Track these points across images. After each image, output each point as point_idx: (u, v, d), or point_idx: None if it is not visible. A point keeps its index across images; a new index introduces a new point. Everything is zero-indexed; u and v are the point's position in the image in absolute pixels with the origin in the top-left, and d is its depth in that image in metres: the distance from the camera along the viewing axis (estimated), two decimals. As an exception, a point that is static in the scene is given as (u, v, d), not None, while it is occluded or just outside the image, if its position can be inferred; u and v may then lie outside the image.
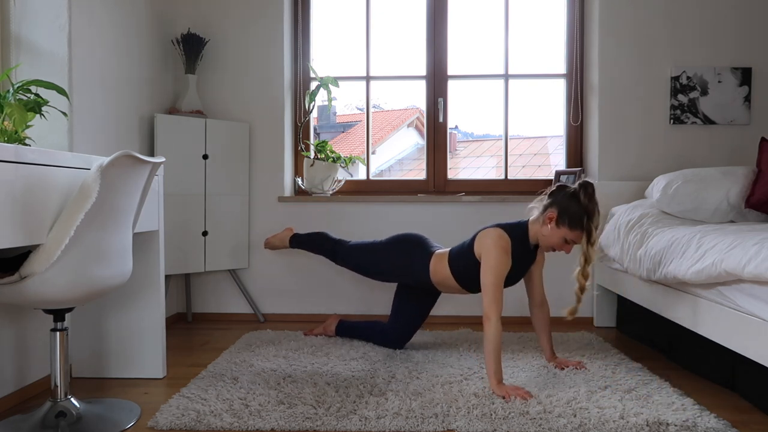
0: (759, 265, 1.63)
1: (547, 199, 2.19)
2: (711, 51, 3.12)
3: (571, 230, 2.11)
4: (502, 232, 2.18)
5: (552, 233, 2.15)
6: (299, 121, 3.45)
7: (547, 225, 2.15)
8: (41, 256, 1.55)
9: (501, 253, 2.13)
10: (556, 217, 2.12)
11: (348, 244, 2.68)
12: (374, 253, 2.57)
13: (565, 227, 2.12)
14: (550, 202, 2.16)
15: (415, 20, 3.44)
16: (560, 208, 2.12)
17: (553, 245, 2.17)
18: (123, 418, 1.80)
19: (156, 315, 2.23)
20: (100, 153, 2.45)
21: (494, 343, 2.00)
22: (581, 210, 2.10)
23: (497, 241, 2.15)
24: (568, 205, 2.11)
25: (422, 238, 2.54)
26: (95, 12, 2.45)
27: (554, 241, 2.16)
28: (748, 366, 1.94)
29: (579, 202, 2.10)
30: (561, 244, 2.16)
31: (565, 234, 2.12)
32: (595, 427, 1.70)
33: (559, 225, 2.12)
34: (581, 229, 2.11)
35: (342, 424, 1.73)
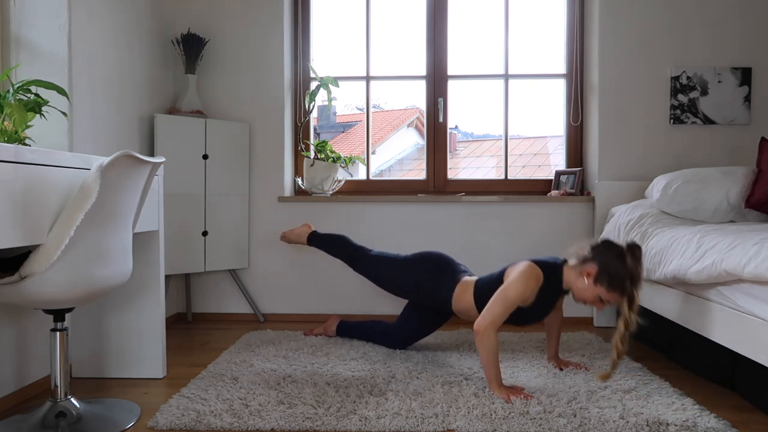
0: (759, 265, 1.63)
1: (589, 252, 2.03)
2: (711, 51, 3.12)
3: (609, 291, 1.97)
4: (536, 268, 2.07)
5: (587, 288, 2.01)
6: (299, 121, 3.45)
7: (584, 279, 2.01)
8: (41, 256, 1.55)
9: (526, 285, 2.03)
10: (596, 274, 1.98)
11: (370, 253, 2.62)
12: (397, 269, 2.49)
13: (603, 287, 1.97)
14: (592, 257, 2.01)
15: (415, 20, 3.44)
16: (602, 266, 1.98)
17: (585, 299, 2.05)
18: (123, 418, 1.80)
19: (156, 315, 2.23)
20: (100, 153, 2.45)
21: (490, 354, 1.97)
22: (625, 273, 1.95)
23: (528, 273, 2.05)
24: (611, 265, 1.96)
25: (448, 259, 2.45)
26: (95, 12, 2.45)
27: (587, 297, 2.03)
28: (748, 366, 1.94)
29: (624, 265, 1.95)
30: (595, 301, 2.02)
31: (601, 293, 1.99)
32: (595, 427, 1.70)
33: (597, 283, 1.98)
34: (620, 292, 1.96)
35: (342, 424, 1.73)
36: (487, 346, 1.97)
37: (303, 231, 2.85)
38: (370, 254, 2.62)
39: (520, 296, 2.03)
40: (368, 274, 2.61)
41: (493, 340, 1.98)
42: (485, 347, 1.98)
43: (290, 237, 2.88)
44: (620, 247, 2.00)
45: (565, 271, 2.09)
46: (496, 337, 1.99)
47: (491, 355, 1.97)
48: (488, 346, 1.97)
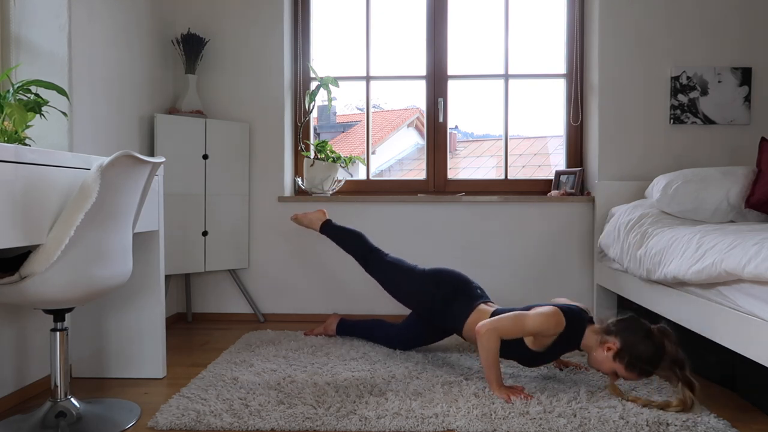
0: (759, 265, 1.63)
1: (614, 325, 1.96)
2: (711, 51, 3.12)
3: (627, 371, 1.91)
4: (562, 315, 1.99)
5: (605, 361, 1.95)
6: (299, 121, 3.45)
7: (604, 351, 1.95)
8: (41, 256, 1.55)
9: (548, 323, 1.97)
10: (616, 350, 1.92)
11: (385, 258, 2.56)
12: (411, 283, 2.44)
13: (621, 364, 1.91)
14: (615, 331, 1.94)
15: (415, 20, 3.44)
16: (624, 344, 1.91)
17: (601, 370, 2.00)
18: (123, 418, 1.80)
19: (156, 315, 2.23)
20: (100, 153, 2.45)
21: (490, 355, 1.97)
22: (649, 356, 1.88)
23: (553, 316, 1.98)
24: (635, 345, 1.89)
25: (465, 282, 2.38)
26: (95, 12, 2.44)
27: (604, 369, 1.97)
28: (748, 366, 1.94)
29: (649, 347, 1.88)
30: (610, 374, 1.97)
31: (618, 370, 1.93)
32: (595, 427, 1.70)
33: (616, 359, 1.92)
34: (638, 373, 1.91)
35: (342, 424, 1.73)
36: (488, 347, 1.97)
37: (316, 217, 2.74)
38: (385, 259, 2.55)
39: (533, 328, 1.99)
40: (380, 279, 2.55)
41: (493, 343, 1.97)
42: (485, 348, 1.98)
43: (302, 221, 2.77)
44: (648, 328, 1.93)
45: (588, 332, 2.02)
46: (498, 340, 1.98)
47: (491, 357, 1.97)
48: (488, 347, 1.97)
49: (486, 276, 3.13)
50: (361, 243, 2.62)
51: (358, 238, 2.64)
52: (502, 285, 3.18)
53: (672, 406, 1.81)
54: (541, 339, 2.03)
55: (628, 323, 1.96)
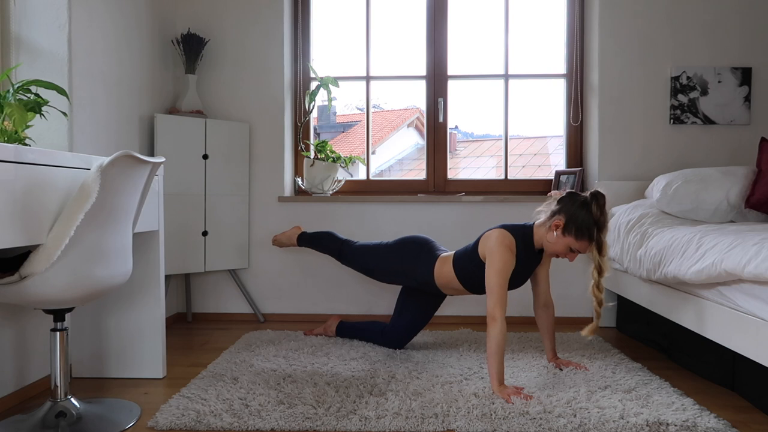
0: (759, 265, 1.63)
1: (556, 206, 2.13)
2: (711, 51, 3.12)
3: (577, 240, 2.07)
4: (506, 233, 2.16)
5: (557, 241, 2.11)
6: (299, 121, 3.45)
7: (553, 232, 2.11)
8: (41, 256, 1.55)
9: (505, 252, 2.11)
10: (563, 225, 2.08)
11: (354, 245, 2.67)
12: (380, 255, 2.57)
13: (571, 236, 2.07)
14: (558, 209, 2.11)
15: (415, 20, 3.44)
16: (568, 216, 2.08)
17: (557, 252, 2.14)
18: (123, 418, 1.80)
19: (156, 315, 2.23)
20: (100, 153, 2.45)
21: (498, 344, 1.98)
22: (591, 221, 2.05)
23: (501, 241, 2.13)
24: (577, 214, 2.06)
25: (428, 240, 2.53)
26: (95, 12, 2.45)
27: (559, 249, 2.13)
28: (748, 366, 1.94)
29: (589, 213, 2.05)
30: (565, 253, 2.13)
31: (570, 243, 2.09)
32: (595, 427, 1.70)
33: (566, 233, 2.08)
34: (588, 239, 2.07)
35: (342, 424, 1.73)
36: (497, 334, 1.99)
37: (293, 233, 2.91)
38: (354, 246, 2.67)
39: (508, 266, 2.11)
40: (356, 266, 2.66)
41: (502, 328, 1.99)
42: (493, 336, 1.99)
43: (282, 240, 2.94)
44: (584, 197, 2.10)
45: (535, 230, 2.19)
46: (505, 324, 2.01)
47: (496, 345, 1.98)
48: (498, 334, 1.99)
49: (486, 276, 3.12)
50: (333, 240, 2.76)
51: (328, 237, 2.78)
52: (502, 285, 3.18)
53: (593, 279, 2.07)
54: None
55: (566, 198, 2.12)
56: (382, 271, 2.58)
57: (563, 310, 3.13)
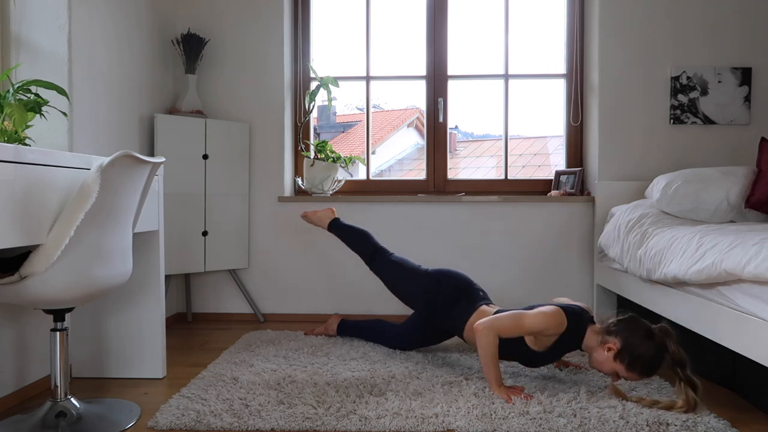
0: (759, 265, 1.63)
1: (614, 325, 1.96)
2: (711, 51, 3.12)
3: (627, 370, 1.91)
4: (563, 315, 1.99)
5: (606, 362, 1.95)
6: (299, 121, 3.45)
7: (605, 351, 1.95)
8: (41, 256, 1.55)
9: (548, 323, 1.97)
10: (617, 351, 1.92)
11: (390, 257, 2.56)
12: (415, 281, 2.44)
13: (622, 365, 1.91)
14: (616, 331, 1.94)
15: (415, 20, 3.44)
16: (624, 344, 1.91)
17: (602, 371, 1.99)
18: (123, 418, 1.80)
19: (156, 315, 2.23)
20: (100, 153, 2.45)
21: (489, 352, 1.97)
22: (650, 356, 1.88)
23: (554, 316, 1.98)
24: (636, 345, 1.90)
25: (468, 283, 2.38)
26: (95, 12, 2.45)
27: (605, 369, 1.97)
28: (748, 366, 1.94)
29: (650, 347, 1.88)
30: (611, 374, 1.97)
31: (619, 370, 1.93)
32: (595, 427, 1.70)
33: (617, 360, 1.92)
34: (639, 373, 1.91)
35: (342, 424, 1.73)
36: (485, 344, 1.97)
37: (325, 215, 2.76)
38: (390, 258, 2.56)
39: (532, 327, 1.98)
40: (383, 278, 2.55)
41: (491, 340, 1.97)
42: (482, 345, 1.98)
43: (312, 218, 2.79)
44: (647, 327, 1.93)
45: (589, 332, 2.02)
46: (495, 337, 1.98)
47: (488, 355, 1.97)
48: (485, 344, 1.97)
49: (486, 276, 3.13)
50: (368, 242, 2.64)
51: (364, 237, 2.66)
52: (502, 285, 3.18)
53: (676, 407, 1.80)
54: (542, 339, 2.03)
55: (628, 323, 1.95)
56: (410, 298, 2.47)
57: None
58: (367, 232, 2.69)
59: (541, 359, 2.09)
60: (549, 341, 2.02)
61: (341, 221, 2.75)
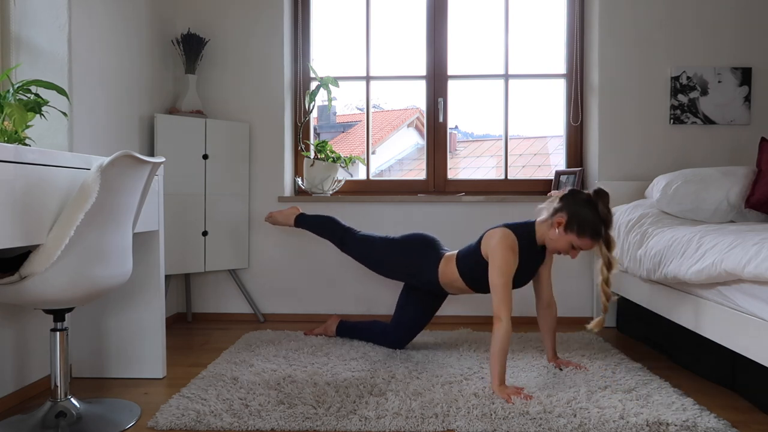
0: (759, 265, 1.63)
1: (558, 203, 2.13)
2: (711, 51, 3.12)
3: (579, 237, 2.07)
4: (508, 231, 2.16)
5: (559, 238, 2.11)
6: (299, 121, 3.45)
7: (555, 229, 2.11)
8: (41, 256, 1.55)
9: (507, 251, 2.11)
10: (565, 222, 2.08)
11: (358, 234, 2.65)
12: (384, 249, 2.55)
13: (573, 233, 2.08)
14: (561, 207, 2.11)
15: (415, 20, 3.44)
16: (570, 213, 2.08)
17: (560, 249, 2.14)
18: (123, 418, 1.80)
19: (156, 315, 2.23)
20: (100, 153, 2.45)
21: (502, 344, 1.99)
22: (592, 218, 2.06)
23: (503, 240, 2.13)
24: (579, 211, 2.07)
25: (434, 240, 2.52)
26: (95, 12, 2.45)
27: (561, 246, 2.13)
28: (748, 366, 1.94)
29: (591, 210, 2.06)
30: (568, 249, 2.13)
31: (572, 240, 2.09)
32: (595, 427, 1.70)
33: (567, 231, 2.08)
34: (590, 236, 2.06)
35: (342, 424, 1.73)
36: (503, 335, 2.00)
37: (291, 212, 2.85)
38: (357, 235, 2.65)
39: (511, 265, 2.11)
40: (357, 255, 2.64)
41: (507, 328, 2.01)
42: (499, 336, 2.00)
43: (277, 218, 2.87)
44: (586, 194, 2.11)
45: (537, 228, 2.19)
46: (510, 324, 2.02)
47: (500, 345, 1.99)
48: (504, 335, 2.00)
49: (486, 276, 3.13)
50: (335, 225, 2.72)
51: (330, 222, 2.74)
52: (502, 285, 3.18)
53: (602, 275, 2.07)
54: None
55: (569, 196, 2.12)
56: (384, 266, 2.57)
57: (563, 310, 3.12)
58: (331, 217, 2.78)
59: (519, 277, 2.20)
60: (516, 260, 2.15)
61: (306, 214, 2.83)
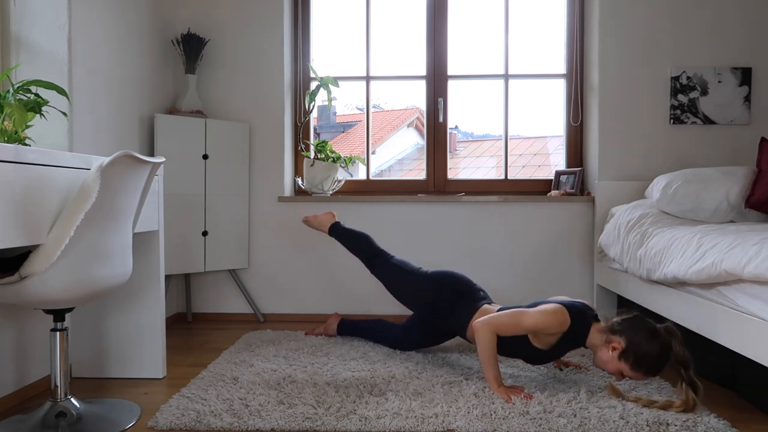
0: (759, 265, 1.63)
1: (618, 325, 1.95)
2: (711, 51, 3.12)
3: (632, 370, 1.91)
4: (566, 314, 1.97)
5: (610, 361, 1.94)
6: (299, 121, 3.45)
7: (609, 351, 1.94)
8: (41, 256, 1.55)
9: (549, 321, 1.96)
10: (621, 350, 1.91)
11: (391, 260, 2.56)
12: (415, 283, 2.44)
13: (627, 364, 1.90)
14: (621, 331, 1.93)
15: (415, 20, 3.44)
16: (629, 343, 1.90)
17: (607, 370, 1.98)
18: (123, 418, 1.80)
19: (156, 315, 2.23)
20: (100, 153, 2.45)
21: (488, 350, 1.97)
22: (654, 355, 1.87)
23: (556, 315, 1.97)
24: (640, 344, 1.88)
25: (468, 283, 2.37)
26: (95, 12, 2.45)
27: (609, 368, 1.96)
28: (748, 366, 1.94)
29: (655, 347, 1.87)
30: (615, 374, 1.96)
31: (624, 369, 1.92)
32: (595, 427, 1.70)
33: (622, 359, 1.91)
34: (644, 372, 1.90)
35: (342, 424, 1.73)
36: (483, 341, 1.98)
37: (326, 219, 2.78)
38: (390, 261, 2.56)
39: (532, 325, 1.98)
40: (385, 281, 2.56)
41: (489, 336, 1.97)
42: (480, 343, 1.98)
43: (313, 223, 2.82)
44: (652, 326, 1.92)
45: (593, 330, 2.00)
46: (493, 335, 1.98)
47: (486, 353, 1.97)
48: (483, 341, 1.97)
49: (486, 276, 3.13)
50: (368, 245, 2.65)
51: (365, 241, 2.67)
52: (502, 285, 3.18)
53: (674, 407, 1.81)
54: (544, 337, 2.02)
55: (633, 322, 1.94)
56: (411, 300, 2.46)
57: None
58: (367, 235, 2.70)
59: (544, 357, 2.08)
60: (552, 339, 2.02)
61: (341, 225, 2.76)
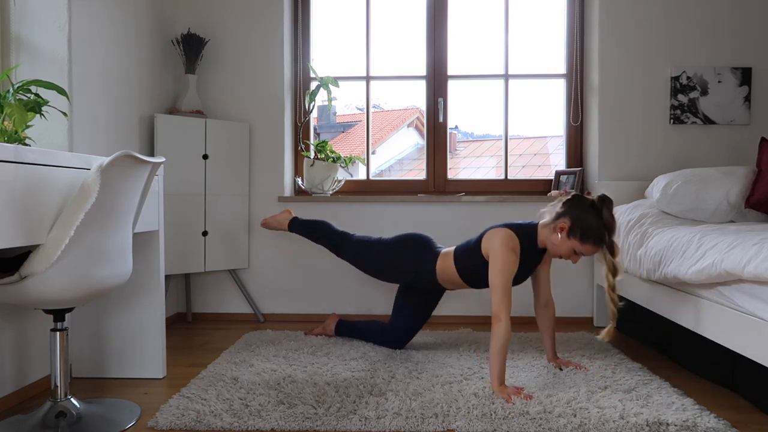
0: (759, 265, 1.63)
1: (561, 208, 2.13)
2: (711, 51, 3.12)
3: (582, 243, 2.08)
4: (510, 233, 2.15)
5: (561, 243, 2.11)
6: (299, 121, 3.45)
7: (558, 234, 2.11)
8: (41, 256, 1.55)
9: (509, 253, 2.11)
10: (569, 227, 2.09)
11: (352, 238, 2.63)
12: (379, 252, 2.53)
13: (576, 239, 2.08)
14: (564, 212, 2.12)
15: (415, 20, 3.44)
16: (574, 219, 2.08)
17: (562, 254, 2.15)
18: (123, 418, 1.80)
19: (156, 315, 2.23)
20: (100, 153, 2.45)
21: (502, 344, 1.99)
22: (597, 224, 2.06)
23: (506, 242, 2.12)
24: (583, 217, 2.07)
25: (428, 239, 2.51)
26: (95, 12, 2.45)
27: (563, 251, 2.13)
28: (748, 366, 1.94)
29: (596, 216, 2.06)
30: (570, 255, 2.13)
31: (575, 246, 2.09)
32: (595, 427, 1.70)
33: (570, 236, 2.09)
34: (593, 242, 2.07)
35: (342, 424, 1.73)
36: (503, 334, 1.99)
37: (284, 217, 2.82)
38: (353, 239, 2.63)
39: (512, 266, 2.11)
40: (353, 260, 2.62)
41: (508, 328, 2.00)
42: (497, 335, 1.99)
43: (271, 223, 2.85)
44: (590, 200, 2.11)
45: (540, 231, 2.19)
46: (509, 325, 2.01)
47: (499, 343, 1.98)
48: (504, 334, 1.99)
49: (486, 276, 3.13)
50: (328, 231, 2.70)
51: (324, 227, 2.72)
52: (502, 285, 3.18)
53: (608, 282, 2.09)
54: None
55: (573, 201, 2.12)
56: (380, 269, 2.55)
57: (563, 310, 3.13)
58: (324, 221, 2.76)
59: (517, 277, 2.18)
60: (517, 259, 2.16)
61: (299, 218, 2.81)
